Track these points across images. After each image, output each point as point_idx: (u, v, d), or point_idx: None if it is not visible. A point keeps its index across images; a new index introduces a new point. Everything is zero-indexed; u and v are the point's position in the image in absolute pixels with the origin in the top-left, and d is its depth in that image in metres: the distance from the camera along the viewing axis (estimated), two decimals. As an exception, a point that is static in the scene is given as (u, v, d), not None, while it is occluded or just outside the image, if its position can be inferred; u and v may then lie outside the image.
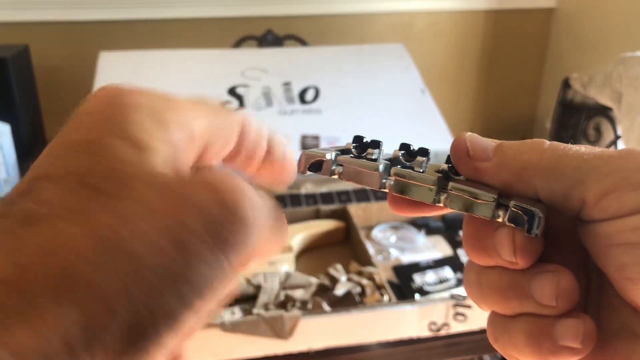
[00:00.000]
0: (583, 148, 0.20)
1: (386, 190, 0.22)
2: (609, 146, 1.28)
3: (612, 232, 0.19)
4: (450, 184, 0.21)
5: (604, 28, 1.84)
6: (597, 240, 0.19)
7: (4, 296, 0.13)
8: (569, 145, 0.20)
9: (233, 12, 1.79)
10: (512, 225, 0.19)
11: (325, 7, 1.85)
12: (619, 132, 1.22)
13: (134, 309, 0.14)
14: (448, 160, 0.23)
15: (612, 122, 1.26)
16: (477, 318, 0.74)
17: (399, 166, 0.22)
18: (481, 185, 0.21)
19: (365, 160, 0.23)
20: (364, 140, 0.24)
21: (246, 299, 0.75)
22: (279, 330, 0.69)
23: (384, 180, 0.22)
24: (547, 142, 0.21)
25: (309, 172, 0.23)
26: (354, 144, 0.24)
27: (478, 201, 0.20)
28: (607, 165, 0.19)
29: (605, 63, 1.22)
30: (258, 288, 0.75)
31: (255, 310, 0.71)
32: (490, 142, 0.22)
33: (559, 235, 0.21)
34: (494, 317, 0.21)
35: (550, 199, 0.20)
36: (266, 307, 0.72)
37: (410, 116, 1.25)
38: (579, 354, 0.19)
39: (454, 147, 0.22)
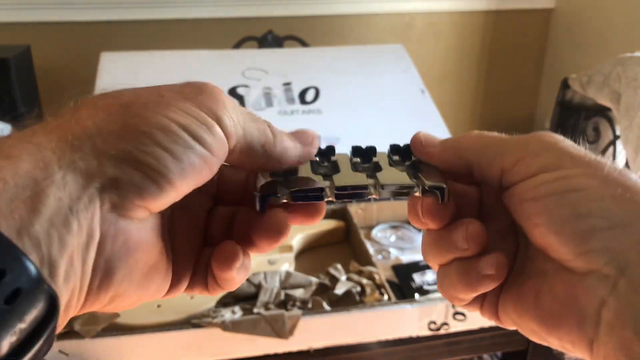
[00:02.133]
0: (503, 134, 0.27)
1: (331, 199, 0.26)
2: (607, 146, 1.28)
3: (523, 190, 0.24)
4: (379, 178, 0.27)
5: (603, 28, 1.84)
6: (514, 201, 0.25)
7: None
8: (493, 132, 0.27)
9: (233, 13, 1.79)
10: (427, 196, 0.26)
11: (326, 8, 1.85)
12: (618, 132, 1.23)
13: (109, 114, 0.21)
14: (394, 151, 0.29)
15: (611, 122, 1.26)
16: (476, 317, 0.75)
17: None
18: (420, 172, 0.27)
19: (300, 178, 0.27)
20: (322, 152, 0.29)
21: (246, 299, 0.75)
22: (279, 330, 0.69)
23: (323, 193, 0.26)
24: (477, 131, 0.27)
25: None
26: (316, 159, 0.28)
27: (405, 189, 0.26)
28: (518, 142, 0.26)
29: (604, 63, 1.23)
30: (258, 287, 0.76)
31: (256, 310, 0.71)
32: (437, 137, 0.29)
33: (492, 209, 0.27)
34: (439, 270, 0.27)
35: (479, 170, 0.26)
36: (266, 306, 0.72)
37: (410, 116, 1.26)
38: (496, 279, 0.24)
39: (413, 139, 0.29)
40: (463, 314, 0.74)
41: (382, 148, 0.30)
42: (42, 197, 0.18)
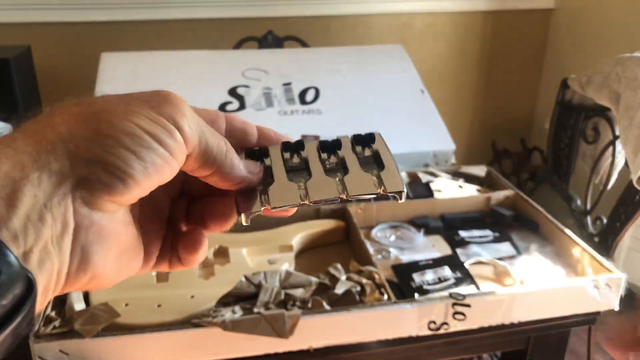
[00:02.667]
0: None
1: (307, 204, 0.29)
2: (607, 146, 1.29)
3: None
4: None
5: (603, 29, 1.84)
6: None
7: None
8: None
9: (234, 14, 1.79)
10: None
11: (325, 8, 1.86)
12: (617, 132, 1.23)
13: (79, 121, 0.24)
14: (357, 140, 0.32)
15: (610, 122, 1.27)
16: (476, 317, 0.75)
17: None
18: None
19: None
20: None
21: (246, 298, 0.75)
22: (280, 329, 0.69)
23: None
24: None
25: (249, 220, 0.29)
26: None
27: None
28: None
29: (603, 64, 1.23)
30: (258, 287, 0.76)
31: (256, 309, 0.71)
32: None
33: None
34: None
35: None
36: (266, 306, 0.73)
37: (410, 117, 1.26)
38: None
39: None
40: (463, 314, 0.74)
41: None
42: (19, 195, 0.21)
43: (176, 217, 0.32)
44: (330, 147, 0.31)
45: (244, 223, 0.29)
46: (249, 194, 0.29)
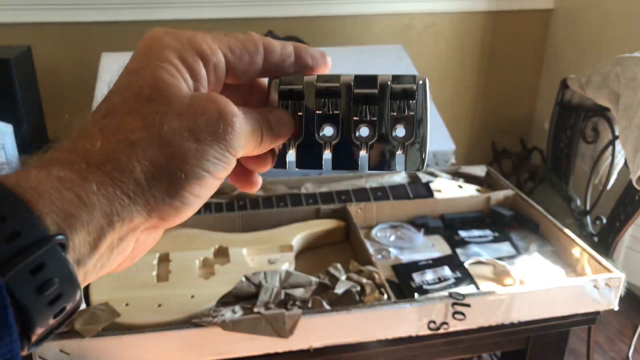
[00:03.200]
0: None
1: None
2: (606, 146, 1.29)
3: None
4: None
5: (602, 29, 1.84)
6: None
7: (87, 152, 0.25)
8: None
9: (234, 14, 1.79)
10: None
11: (325, 8, 1.86)
12: (617, 132, 1.23)
13: (155, 168, 0.25)
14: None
15: (610, 122, 1.27)
16: (475, 317, 0.75)
17: None
18: None
19: None
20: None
21: (247, 298, 0.75)
22: (280, 329, 0.69)
23: None
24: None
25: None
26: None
27: None
28: None
29: (603, 64, 1.23)
30: (259, 287, 0.76)
31: (256, 309, 0.71)
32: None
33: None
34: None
35: None
36: (267, 305, 0.73)
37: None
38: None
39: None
40: (462, 314, 0.74)
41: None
42: (103, 240, 0.24)
43: None
44: (365, 99, 0.29)
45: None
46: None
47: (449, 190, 1.06)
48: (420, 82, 0.30)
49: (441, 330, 0.75)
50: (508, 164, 2.09)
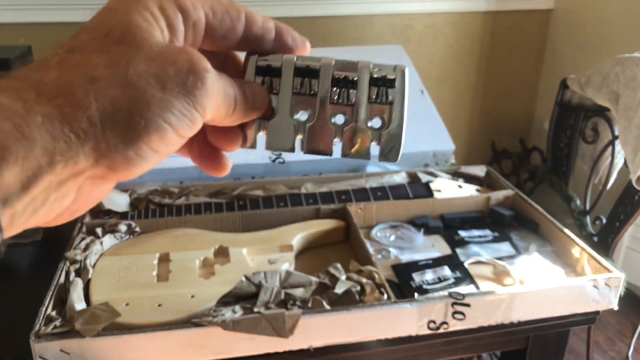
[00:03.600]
0: None
1: None
2: (606, 146, 1.29)
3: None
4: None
5: (602, 29, 1.85)
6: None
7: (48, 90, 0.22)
8: None
9: (233, 14, 1.79)
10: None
11: (325, 8, 1.86)
12: (617, 132, 1.23)
13: (114, 110, 0.23)
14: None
15: (610, 122, 1.27)
16: (475, 317, 0.75)
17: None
18: None
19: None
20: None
21: (247, 298, 0.75)
22: (280, 329, 0.69)
23: None
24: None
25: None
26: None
27: None
28: None
29: (602, 64, 1.23)
30: (259, 287, 0.76)
31: (256, 309, 0.71)
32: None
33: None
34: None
35: None
36: (267, 305, 0.73)
37: (410, 117, 1.26)
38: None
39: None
40: (462, 314, 0.74)
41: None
42: (39, 180, 0.21)
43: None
44: (344, 83, 0.29)
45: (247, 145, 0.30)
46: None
47: (449, 190, 1.06)
48: (400, 71, 0.30)
49: (441, 330, 0.75)
50: (508, 164, 2.09)
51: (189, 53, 0.25)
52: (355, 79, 0.29)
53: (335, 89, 0.29)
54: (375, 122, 0.30)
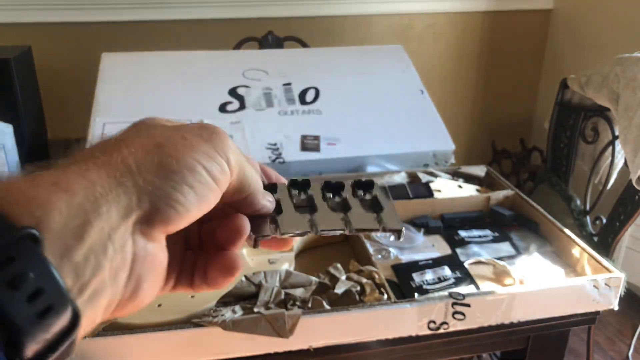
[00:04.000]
0: None
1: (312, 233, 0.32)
2: (606, 146, 1.29)
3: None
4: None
5: (602, 29, 1.85)
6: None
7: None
8: None
9: (234, 14, 1.79)
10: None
11: (325, 9, 1.86)
12: (617, 132, 1.23)
13: (145, 153, 0.25)
14: (357, 185, 0.35)
15: (610, 122, 1.27)
16: (475, 317, 0.75)
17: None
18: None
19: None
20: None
21: (247, 298, 0.75)
22: (280, 329, 0.69)
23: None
24: None
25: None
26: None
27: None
28: None
29: (602, 64, 1.23)
30: (259, 287, 0.76)
31: (256, 309, 0.71)
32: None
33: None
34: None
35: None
36: (267, 305, 0.73)
37: (410, 117, 1.26)
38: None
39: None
40: (462, 314, 0.74)
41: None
42: (88, 227, 0.22)
43: (191, 240, 0.33)
44: (334, 187, 0.35)
45: (252, 247, 0.31)
46: (259, 221, 0.32)
47: (449, 190, 1.06)
48: (380, 185, 0.36)
49: (441, 330, 0.75)
50: (508, 164, 2.09)
51: (199, 122, 0.28)
52: (341, 183, 0.35)
53: (327, 192, 0.35)
54: (369, 209, 0.34)
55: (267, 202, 0.32)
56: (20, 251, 0.20)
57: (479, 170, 1.15)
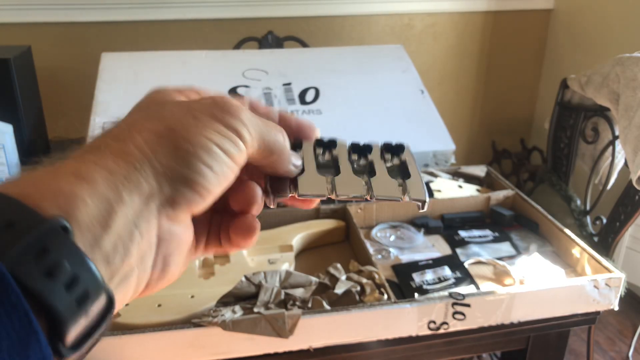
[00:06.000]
0: None
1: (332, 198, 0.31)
2: (607, 146, 1.29)
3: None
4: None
5: (602, 29, 1.84)
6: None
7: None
8: None
9: (234, 14, 1.79)
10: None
11: (325, 9, 1.86)
12: (617, 132, 1.23)
13: (157, 137, 0.25)
14: (386, 148, 0.34)
15: (610, 122, 1.27)
16: (475, 317, 0.75)
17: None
18: None
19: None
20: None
21: (247, 298, 0.75)
22: (280, 329, 0.69)
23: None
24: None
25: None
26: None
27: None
28: None
29: (602, 64, 1.23)
30: (259, 287, 0.76)
31: (256, 309, 0.71)
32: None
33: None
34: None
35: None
36: (267, 305, 0.73)
37: (410, 117, 1.26)
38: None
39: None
40: (462, 314, 0.74)
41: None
42: (114, 215, 0.23)
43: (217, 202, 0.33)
44: (360, 149, 0.33)
45: (271, 206, 0.31)
46: (278, 181, 0.31)
47: (449, 190, 1.06)
48: (407, 145, 0.34)
49: (441, 330, 0.75)
50: (508, 164, 2.09)
51: (212, 96, 0.28)
52: (369, 145, 0.34)
53: (353, 154, 0.33)
54: (395, 175, 0.33)
55: (291, 167, 0.31)
56: (53, 242, 0.20)
57: (479, 170, 1.15)
